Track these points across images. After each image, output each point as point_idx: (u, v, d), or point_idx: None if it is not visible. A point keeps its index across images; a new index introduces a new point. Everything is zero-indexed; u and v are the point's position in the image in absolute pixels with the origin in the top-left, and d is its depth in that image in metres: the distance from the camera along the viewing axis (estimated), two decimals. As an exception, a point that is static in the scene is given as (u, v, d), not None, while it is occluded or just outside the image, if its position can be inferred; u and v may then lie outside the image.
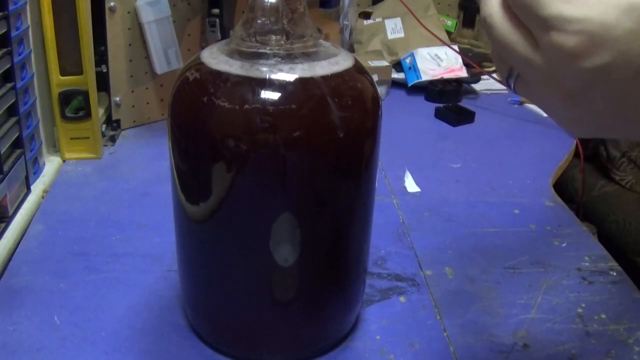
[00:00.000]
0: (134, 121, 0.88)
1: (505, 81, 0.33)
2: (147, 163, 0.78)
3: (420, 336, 0.50)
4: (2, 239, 0.61)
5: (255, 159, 0.39)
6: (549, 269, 0.60)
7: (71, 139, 0.77)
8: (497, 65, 0.33)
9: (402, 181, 0.77)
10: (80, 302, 0.53)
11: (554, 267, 0.60)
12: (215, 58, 0.41)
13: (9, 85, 0.64)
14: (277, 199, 0.41)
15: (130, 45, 0.83)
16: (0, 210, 0.63)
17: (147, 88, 0.88)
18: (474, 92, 1.09)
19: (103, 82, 0.82)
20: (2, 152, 0.62)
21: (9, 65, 0.64)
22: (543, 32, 0.27)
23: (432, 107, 1.00)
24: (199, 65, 0.42)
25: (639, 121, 0.29)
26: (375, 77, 1.00)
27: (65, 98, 0.75)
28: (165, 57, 0.86)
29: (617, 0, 0.26)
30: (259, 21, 0.40)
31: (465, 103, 1.03)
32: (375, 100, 0.43)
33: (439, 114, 0.98)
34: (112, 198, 0.70)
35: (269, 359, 0.48)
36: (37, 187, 0.71)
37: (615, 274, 0.59)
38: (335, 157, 0.41)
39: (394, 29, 1.15)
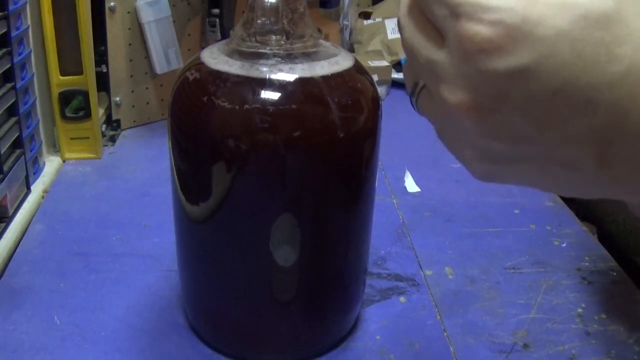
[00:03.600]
0: (134, 121, 0.88)
1: (409, 97, 0.28)
2: (147, 163, 0.78)
3: (420, 336, 0.50)
4: (2, 239, 0.61)
5: (255, 159, 0.39)
6: (549, 269, 0.60)
7: (71, 139, 0.77)
8: (405, 77, 0.28)
9: (402, 181, 0.77)
10: (80, 302, 0.53)
11: (554, 267, 0.60)
12: (215, 58, 0.41)
13: (9, 85, 0.64)
14: (277, 199, 0.41)
15: (130, 45, 0.83)
16: (0, 210, 0.63)
17: (147, 88, 0.88)
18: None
19: (103, 82, 0.82)
20: (2, 152, 0.62)
21: (9, 65, 0.64)
22: (451, 20, 0.22)
23: (432, 107, 1.00)
24: (199, 65, 0.42)
25: (556, 161, 0.23)
26: (375, 77, 1.00)
27: (65, 98, 0.75)
28: (165, 57, 0.86)
29: None
30: (259, 21, 0.40)
31: (465, 103, 1.02)
32: (375, 100, 0.43)
33: (439, 114, 0.97)
34: (112, 198, 0.70)
35: (268, 359, 0.48)
36: (37, 187, 0.71)
37: (615, 274, 0.59)
38: (335, 157, 0.41)
39: (394, 29, 1.15)
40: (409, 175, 0.78)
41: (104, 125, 0.83)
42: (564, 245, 0.64)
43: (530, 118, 0.22)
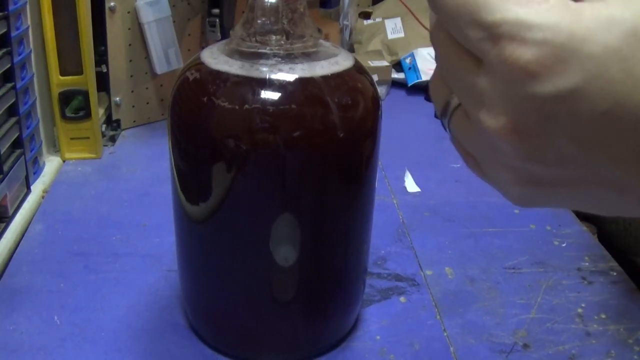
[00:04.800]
0: (134, 121, 0.88)
1: (440, 117, 0.26)
2: (147, 163, 0.78)
3: (420, 336, 0.50)
4: (2, 239, 0.61)
5: (255, 159, 0.39)
6: (549, 269, 0.60)
7: (71, 139, 0.77)
8: (434, 95, 0.26)
9: (402, 181, 0.77)
10: (80, 302, 0.53)
11: (554, 267, 0.60)
12: (215, 58, 0.41)
13: (9, 85, 0.64)
14: (277, 199, 0.41)
15: (130, 45, 0.83)
16: (0, 210, 0.63)
17: (147, 88, 0.88)
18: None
19: (103, 82, 0.82)
20: (2, 152, 0.62)
21: (9, 65, 0.64)
22: (490, 43, 0.21)
23: (432, 107, 1.00)
24: (199, 65, 0.42)
25: (608, 183, 0.22)
26: (375, 77, 1.00)
27: (65, 98, 0.75)
28: (165, 57, 0.86)
29: (593, 8, 0.20)
30: (259, 21, 0.40)
31: (465, 103, 1.03)
32: (375, 100, 0.43)
33: (439, 114, 0.97)
34: (112, 198, 0.70)
35: (269, 359, 0.48)
36: (37, 187, 0.71)
37: (615, 274, 0.59)
38: (335, 157, 0.41)
39: (394, 29, 1.15)
40: (409, 175, 0.78)
41: (104, 125, 0.83)
42: (564, 245, 0.64)
43: (577, 140, 0.21)
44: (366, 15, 1.21)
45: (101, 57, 0.81)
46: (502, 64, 0.21)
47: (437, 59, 0.25)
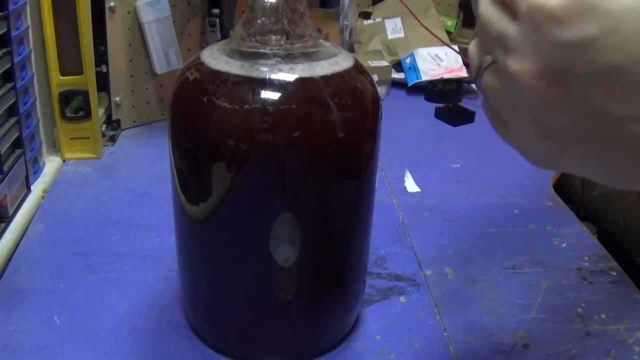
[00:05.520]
0: (134, 121, 0.88)
1: (475, 76, 0.29)
2: (147, 163, 0.78)
3: (420, 336, 0.50)
4: (2, 239, 0.61)
5: (255, 159, 0.39)
6: (549, 269, 0.60)
7: (71, 139, 0.77)
8: (472, 56, 0.29)
9: (402, 181, 0.77)
10: (80, 302, 0.53)
11: (554, 267, 0.60)
12: (215, 58, 0.41)
13: (9, 85, 0.64)
14: (277, 199, 0.41)
15: (130, 45, 0.83)
16: (0, 210, 0.63)
17: (147, 88, 0.88)
18: (474, 92, 1.09)
19: (103, 82, 0.82)
20: (2, 152, 0.62)
21: (9, 65, 0.64)
22: None
23: (432, 107, 1.00)
24: (199, 65, 0.42)
25: (620, 142, 0.24)
26: (375, 77, 1.00)
27: (65, 98, 0.75)
28: (165, 57, 0.86)
29: None
30: (259, 21, 0.40)
31: (465, 103, 1.03)
32: (375, 100, 0.43)
33: (439, 114, 0.98)
34: (112, 198, 0.70)
35: (269, 359, 0.48)
36: (37, 187, 0.71)
37: (615, 274, 0.59)
38: (335, 157, 0.41)
39: (394, 29, 1.15)
40: (409, 175, 0.78)
41: (104, 125, 0.83)
42: (564, 245, 0.64)
43: (593, 91, 0.23)
44: (366, 15, 1.21)
45: (101, 57, 0.81)
46: (531, 10, 0.23)
47: (477, 17, 0.27)
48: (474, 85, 1.09)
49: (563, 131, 0.25)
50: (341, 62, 0.42)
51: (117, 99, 0.84)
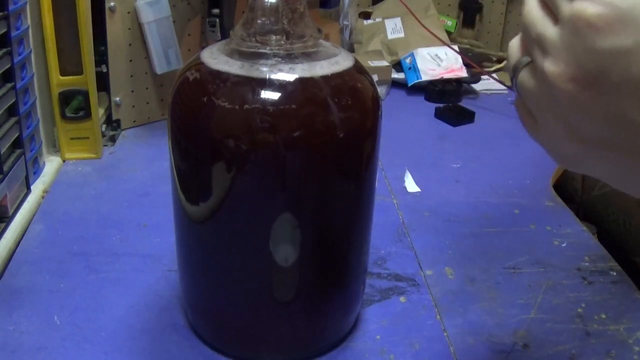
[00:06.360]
0: (134, 121, 0.88)
1: (511, 74, 0.30)
2: (147, 163, 0.78)
3: (420, 336, 0.50)
4: (2, 239, 0.61)
5: (255, 159, 0.39)
6: (549, 269, 0.60)
7: (71, 139, 0.77)
8: (510, 54, 0.30)
9: (402, 181, 0.77)
10: (80, 302, 0.53)
11: (554, 267, 0.60)
12: (215, 58, 0.41)
13: (9, 85, 0.64)
14: (277, 199, 0.41)
15: (130, 45, 0.83)
16: (0, 210, 0.63)
17: (147, 88, 0.88)
18: (474, 92, 1.09)
19: (103, 82, 0.82)
20: (2, 152, 0.62)
21: (9, 65, 0.64)
22: (567, 0, 0.25)
23: (432, 107, 1.00)
24: (199, 65, 0.42)
25: None
26: (375, 77, 1.00)
27: (65, 98, 0.75)
28: (165, 57, 0.86)
29: None
30: (259, 21, 0.41)
31: (465, 103, 1.03)
32: (375, 100, 0.43)
33: (439, 114, 0.98)
34: (112, 198, 0.70)
35: (269, 359, 0.48)
36: (37, 187, 0.71)
37: (615, 274, 0.59)
38: (335, 157, 0.41)
39: (394, 29, 1.15)
40: (409, 175, 0.78)
41: (104, 125, 0.83)
42: (564, 245, 0.64)
43: (624, 99, 0.24)
44: (366, 15, 1.21)
45: (101, 57, 0.81)
46: (571, 16, 0.24)
47: (522, 16, 0.28)
48: (474, 86, 1.09)
49: (591, 135, 0.26)
50: (341, 62, 0.42)
51: (117, 99, 0.84)
